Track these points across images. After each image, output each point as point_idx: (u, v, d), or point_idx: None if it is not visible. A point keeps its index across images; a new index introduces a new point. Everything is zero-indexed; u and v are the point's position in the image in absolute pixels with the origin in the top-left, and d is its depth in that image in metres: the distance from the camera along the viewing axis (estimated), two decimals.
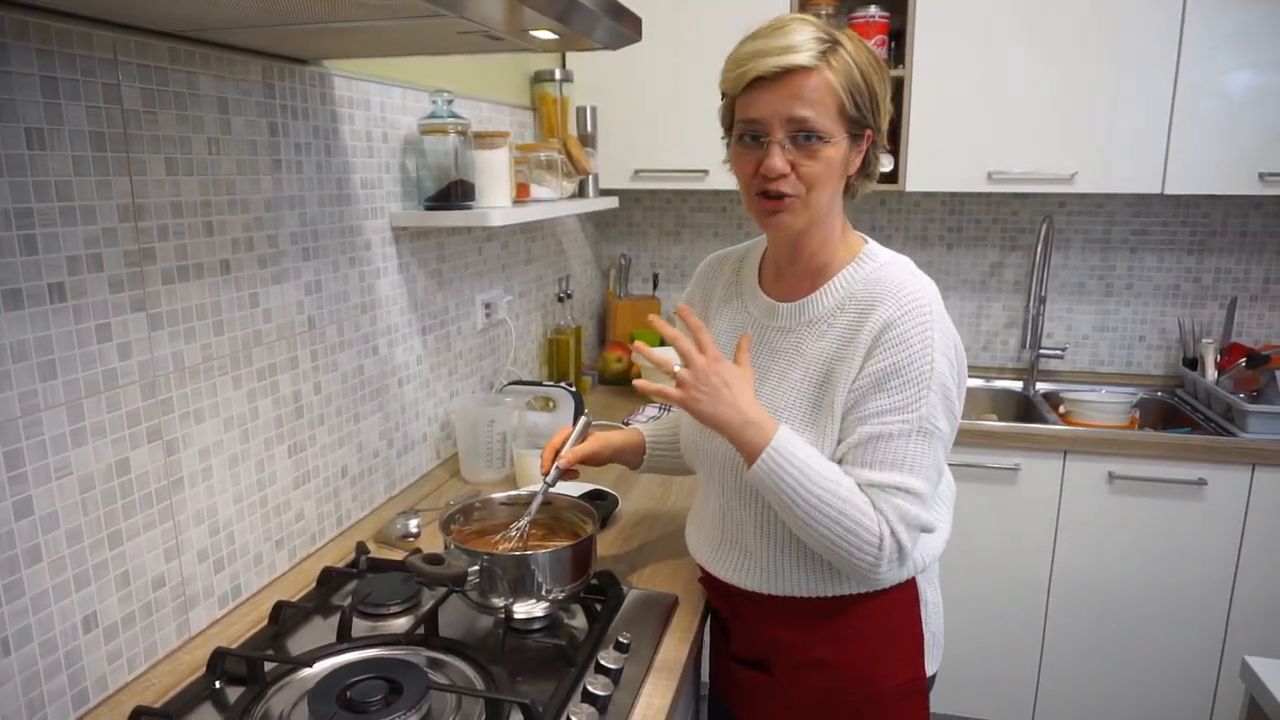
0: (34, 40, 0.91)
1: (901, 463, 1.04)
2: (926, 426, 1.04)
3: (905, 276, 1.08)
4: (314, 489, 1.44)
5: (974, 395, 2.65)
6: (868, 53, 1.05)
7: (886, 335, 1.04)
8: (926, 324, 1.04)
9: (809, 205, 1.06)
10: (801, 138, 1.03)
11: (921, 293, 1.06)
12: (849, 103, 1.02)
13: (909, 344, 1.03)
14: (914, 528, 1.05)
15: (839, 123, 1.03)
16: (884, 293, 1.06)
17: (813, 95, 1.01)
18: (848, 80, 1.02)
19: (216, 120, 1.17)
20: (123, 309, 1.04)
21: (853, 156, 1.07)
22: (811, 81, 1.01)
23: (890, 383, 1.03)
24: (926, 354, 1.03)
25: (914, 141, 2.34)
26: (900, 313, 1.04)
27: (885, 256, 1.13)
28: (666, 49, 2.27)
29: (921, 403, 1.03)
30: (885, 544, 1.03)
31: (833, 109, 1.02)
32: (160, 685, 1.08)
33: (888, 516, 1.03)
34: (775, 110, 1.02)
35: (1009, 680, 2.34)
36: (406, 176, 1.66)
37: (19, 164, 0.90)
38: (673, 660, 1.14)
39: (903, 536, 1.04)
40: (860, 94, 1.03)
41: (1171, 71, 2.17)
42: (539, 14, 0.95)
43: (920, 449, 1.04)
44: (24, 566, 0.93)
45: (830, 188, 1.06)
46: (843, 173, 1.07)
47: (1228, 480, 2.09)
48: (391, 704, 0.97)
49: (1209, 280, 2.58)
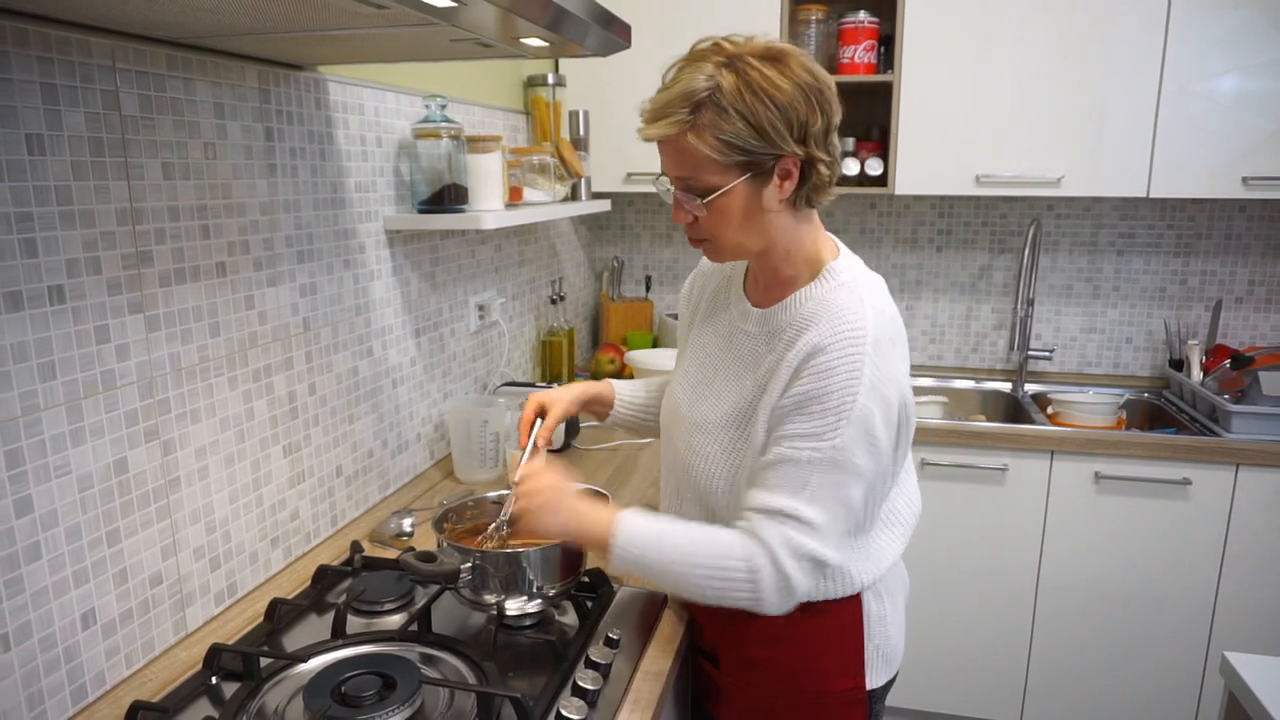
0: (34, 48, 0.93)
1: (800, 490, 1.01)
2: (839, 459, 1.00)
3: (851, 302, 1.04)
4: (309, 488, 1.46)
5: (963, 396, 2.68)
6: (761, 83, 0.98)
7: (813, 361, 1.01)
8: (856, 356, 0.99)
9: (724, 247, 1.08)
10: (693, 193, 1.04)
11: (861, 323, 1.01)
12: (728, 152, 0.99)
13: (834, 373, 1.00)
14: (802, 558, 1.01)
15: (724, 172, 1.01)
16: (822, 317, 1.04)
17: (685, 158, 1.02)
18: (718, 134, 0.98)
19: (213, 125, 1.19)
20: (121, 311, 1.06)
21: (769, 188, 1.03)
22: (680, 144, 1.01)
23: (809, 408, 1.01)
24: (851, 386, 0.99)
25: (903, 145, 2.36)
26: (831, 340, 1.01)
27: (846, 276, 1.08)
28: (658, 53, 2.28)
29: (837, 434, 0.99)
30: (763, 575, 1.01)
31: (710, 163, 1.01)
32: (158, 681, 1.09)
33: (771, 544, 1.01)
34: (666, 167, 1.06)
35: (997, 678, 2.36)
36: (400, 180, 1.68)
37: (19, 169, 0.92)
38: (661, 655, 1.16)
39: (786, 565, 1.01)
40: (742, 138, 0.98)
41: (1157, 76, 2.19)
42: (530, 23, 0.97)
43: (826, 480, 1.00)
44: (24, 563, 0.95)
45: (742, 229, 1.05)
46: (755, 209, 1.04)
47: (1212, 480, 2.12)
48: (385, 699, 0.99)
49: (1195, 283, 2.61)
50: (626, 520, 1.07)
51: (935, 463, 2.25)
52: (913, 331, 2.82)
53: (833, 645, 1.15)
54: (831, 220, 2.80)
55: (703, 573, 1.03)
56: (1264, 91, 2.14)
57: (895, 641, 1.20)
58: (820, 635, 1.14)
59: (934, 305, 2.79)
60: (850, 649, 1.15)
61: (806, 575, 1.03)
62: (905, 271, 2.79)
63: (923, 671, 2.39)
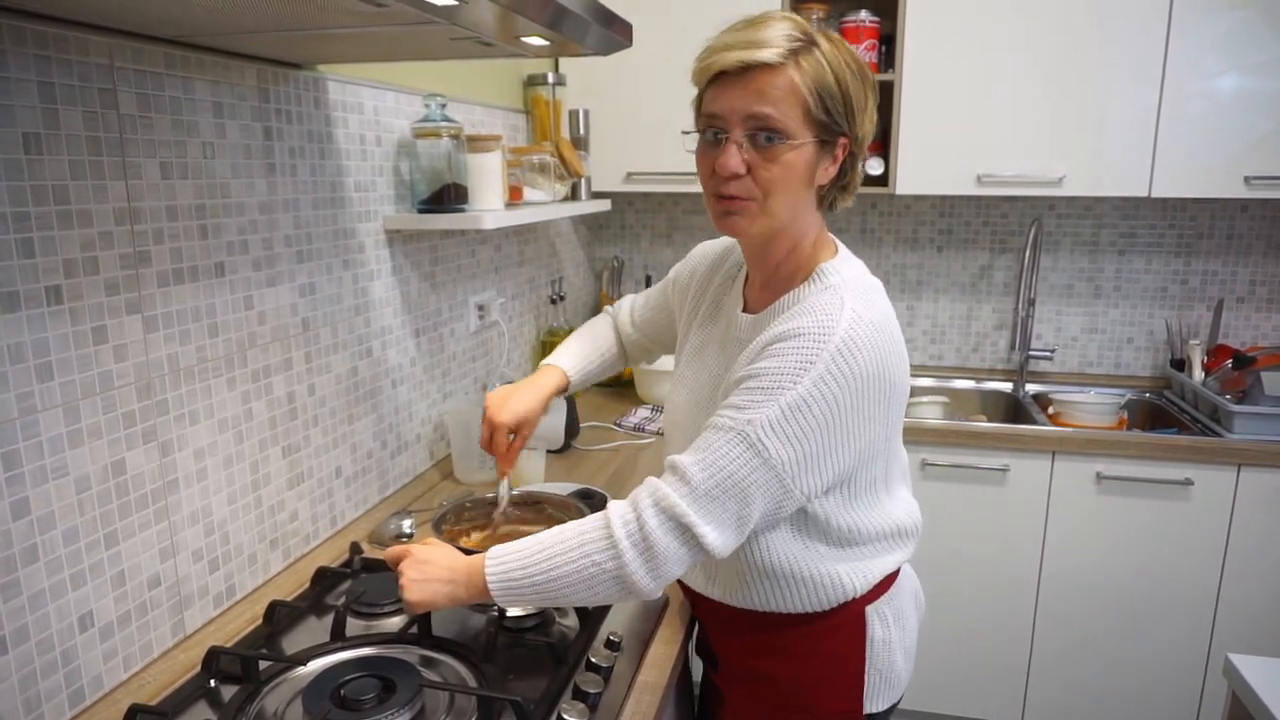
0: (31, 46, 0.92)
1: (700, 450, 0.95)
2: (751, 435, 0.92)
3: (830, 304, 0.98)
4: (308, 490, 1.45)
5: (963, 396, 2.67)
6: (848, 57, 0.99)
7: (771, 345, 0.96)
8: (814, 350, 0.93)
9: (766, 211, 1.00)
10: (762, 138, 0.97)
11: (833, 324, 0.94)
12: (816, 105, 0.96)
13: (783, 357, 0.94)
14: (665, 513, 0.94)
15: (804, 125, 0.97)
16: (800, 313, 0.98)
17: (775, 93, 0.96)
18: (816, 82, 0.96)
19: (211, 124, 1.18)
20: (119, 311, 1.05)
21: (823, 164, 1.01)
22: (775, 79, 0.95)
23: (747, 383, 0.96)
24: (796, 374, 0.92)
25: (904, 145, 2.36)
26: (795, 331, 0.95)
27: (834, 279, 1.03)
28: (659, 51, 2.29)
29: (759, 409, 0.93)
30: (619, 530, 0.94)
31: (798, 109, 0.96)
32: (156, 684, 1.08)
33: (639, 495, 0.96)
34: (734, 107, 0.97)
35: (998, 680, 2.36)
36: (400, 180, 1.67)
37: (16, 168, 0.91)
38: (663, 658, 1.16)
39: (646, 514, 0.94)
40: (832, 98, 0.97)
41: (1159, 76, 2.19)
42: (530, 21, 0.97)
43: (729, 451, 0.93)
44: (21, 566, 0.94)
45: (791, 195, 1.00)
46: (808, 180, 1.00)
47: (1214, 480, 2.11)
48: (385, 702, 0.98)
49: (1196, 282, 2.60)
50: (497, 548, 1.01)
51: (935, 463, 2.24)
52: (913, 331, 2.81)
53: (831, 666, 1.12)
54: (832, 220, 2.79)
55: (566, 548, 0.96)
56: (1266, 90, 2.14)
57: (900, 667, 1.16)
58: (819, 654, 1.12)
59: (934, 305, 2.79)
60: (849, 672, 1.12)
61: (669, 535, 0.93)
62: (906, 271, 2.79)
63: (923, 673, 2.38)
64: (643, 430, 2.14)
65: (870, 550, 1.10)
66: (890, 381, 0.98)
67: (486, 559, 0.99)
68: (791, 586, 1.09)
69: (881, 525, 1.10)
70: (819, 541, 1.07)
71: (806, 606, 1.10)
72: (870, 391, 0.95)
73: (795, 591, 1.09)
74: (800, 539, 1.07)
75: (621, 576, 0.95)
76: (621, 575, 0.94)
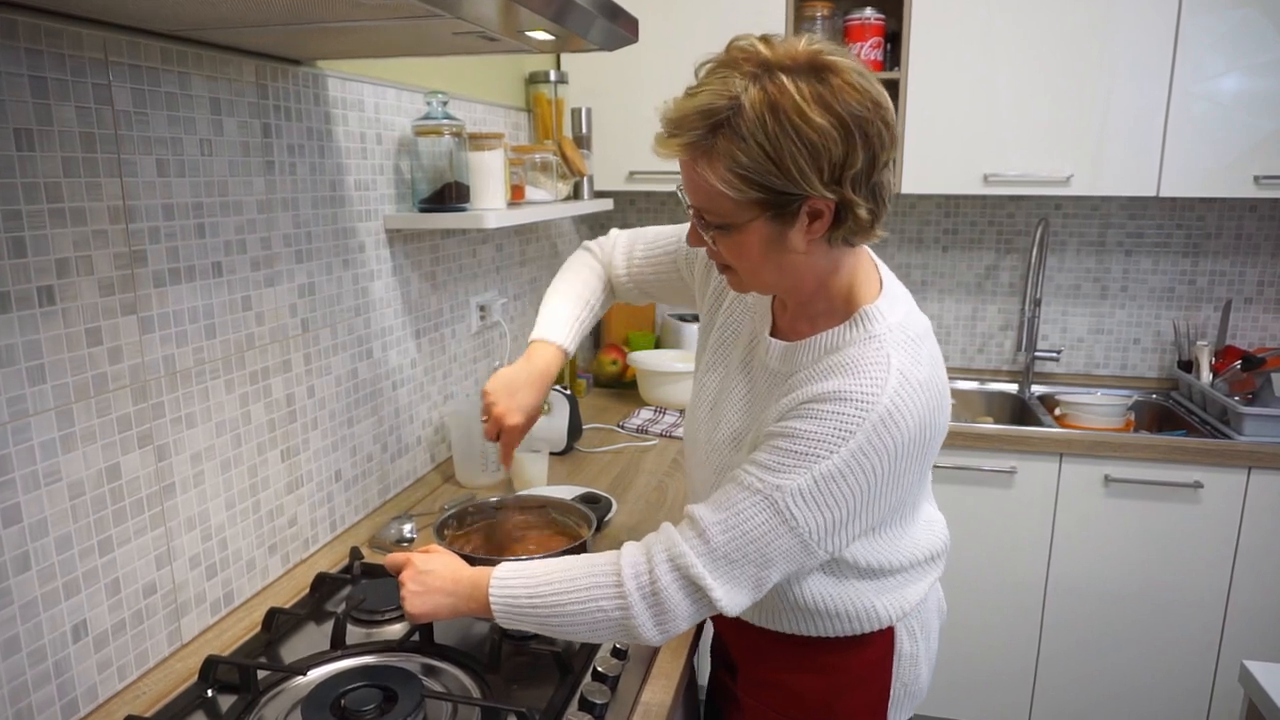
0: (23, 40, 0.90)
1: (722, 507, 0.91)
2: (779, 503, 0.88)
3: (876, 362, 0.90)
4: (307, 493, 1.43)
5: (969, 398, 2.65)
6: (785, 111, 0.82)
7: (810, 405, 0.90)
8: (855, 420, 0.87)
9: (749, 278, 0.96)
10: (710, 223, 0.92)
11: (878, 391, 0.88)
12: (741, 188, 0.85)
13: (821, 422, 0.88)
14: (681, 573, 0.91)
15: (740, 208, 0.88)
16: (843, 370, 0.91)
17: (699, 184, 0.88)
18: (735, 166, 0.84)
19: (209, 121, 1.16)
20: (113, 312, 1.02)
21: (797, 228, 0.88)
22: (693, 171, 0.88)
23: (778, 442, 0.90)
24: (834, 443, 0.87)
25: (910, 144, 2.33)
26: (836, 394, 0.89)
27: (879, 326, 0.94)
28: (662, 50, 2.26)
29: (790, 475, 0.88)
30: (629, 579, 0.92)
31: (723, 199, 0.87)
32: (151, 694, 1.06)
33: (654, 546, 0.93)
34: (683, 184, 0.93)
35: (1005, 683, 2.34)
36: (400, 178, 1.65)
37: (8, 165, 0.89)
38: (670, 666, 1.13)
39: (660, 569, 0.91)
40: (763, 171, 0.84)
41: (1166, 74, 2.17)
42: (535, 14, 0.94)
43: (754, 515, 0.89)
44: (12, 574, 0.92)
45: (768, 264, 0.93)
46: (778, 249, 0.90)
47: (1223, 483, 2.09)
48: (386, 712, 0.96)
49: (1204, 283, 2.58)
50: (504, 566, 0.99)
51: (942, 465, 2.22)
52: None
53: (859, 680, 1.10)
54: None
55: (574, 586, 0.94)
56: (1275, 89, 2.12)
57: (924, 679, 1.14)
58: (848, 669, 1.10)
59: (940, 306, 2.76)
60: (876, 687, 1.10)
61: (680, 592, 0.91)
62: (911, 271, 2.76)
63: None
64: (646, 432, 2.12)
65: (904, 578, 1.08)
66: (932, 439, 0.93)
67: (492, 579, 0.98)
68: (826, 621, 1.07)
69: (913, 554, 1.08)
70: (853, 577, 1.05)
71: (841, 633, 1.08)
72: (911, 458, 0.91)
73: (830, 624, 1.07)
74: (833, 576, 1.05)
75: (627, 626, 0.93)
76: (627, 624, 0.93)
